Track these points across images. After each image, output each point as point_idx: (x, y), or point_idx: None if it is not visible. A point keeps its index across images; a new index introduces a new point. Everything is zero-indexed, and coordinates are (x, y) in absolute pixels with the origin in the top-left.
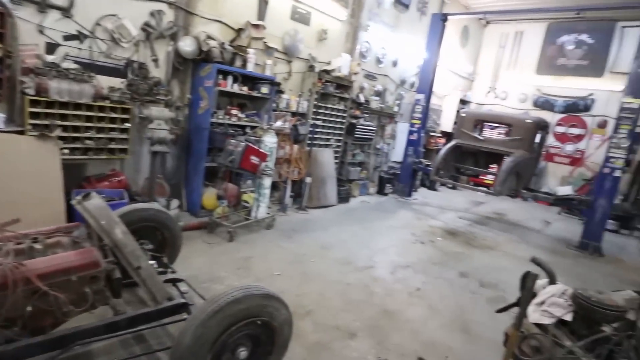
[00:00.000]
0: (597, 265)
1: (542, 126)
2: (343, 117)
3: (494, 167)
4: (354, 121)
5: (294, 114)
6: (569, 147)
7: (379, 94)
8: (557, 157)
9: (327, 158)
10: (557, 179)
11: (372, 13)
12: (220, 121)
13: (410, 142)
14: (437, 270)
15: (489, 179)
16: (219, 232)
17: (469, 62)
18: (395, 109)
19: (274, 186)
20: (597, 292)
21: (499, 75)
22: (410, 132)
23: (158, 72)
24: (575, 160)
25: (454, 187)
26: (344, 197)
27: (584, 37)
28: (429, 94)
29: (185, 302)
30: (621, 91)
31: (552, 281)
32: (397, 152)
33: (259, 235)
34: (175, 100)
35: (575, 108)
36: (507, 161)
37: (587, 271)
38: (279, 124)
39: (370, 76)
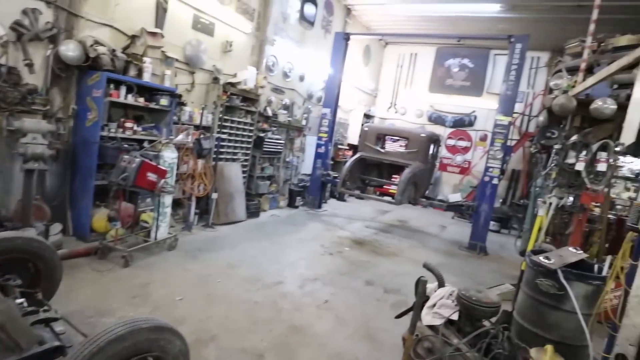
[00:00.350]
0: (483, 263)
1: (434, 139)
2: (250, 131)
3: (396, 178)
4: (262, 134)
5: (197, 128)
6: (459, 158)
7: (286, 107)
8: (449, 167)
9: (234, 172)
10: (450, 187)
11: (277, 27)
12: (113, 135)
13: (318, 155)
14: (345, 281)
15: (392, 188)
16: (112, 257)
17: (372, 79)
18: (304, 122)
19: (178, 204)
20: (477, 290)
21: (398, 92)
22: (318, 145)
23: (34, 79)
24: (464, 170)
25: (360, 198)
26: (253, 212)
27: (466, 61)
28: (334, 108)
29: (61, 344)
30: (496, 109)
31: (441, 284)
32: (307, 164)
33: (159, 258)
34: (56, 111)
35: (462, 123)
36: (405, 172)
37: (476, 269)
38: (180, 137)
39: (277, 90)
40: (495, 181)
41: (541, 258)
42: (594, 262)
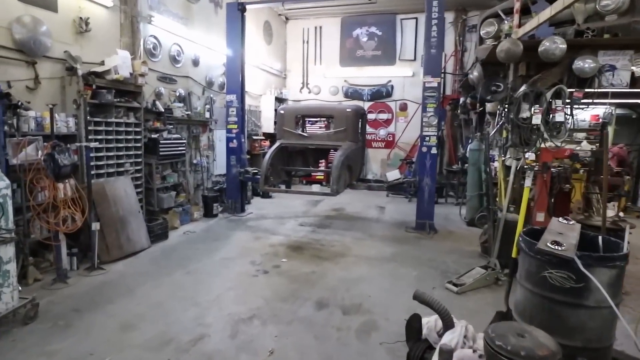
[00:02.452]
0: (437, 244)
1: (361, 114)
2: (137, 133)
3: (323, 163)
4: (155, 136)
5: (50, 138)
6: (382, 132)
7: (182, 99)
8: (374, 143)
9: (123, 189)
10: (377, 163)
11: (153, 1)
12: None
13: (231, 151)
14: (290, 309)
15: (320, 174)
16: None
17: (278, 59)
18: (207, 115)
19: (44, 246)
20: (514, 333)
21: (308, 70)
22: (229, 139)
23: None
24: (389, 143)
25: (289, 193)
26: (159, 234)
27: (374, 29)
28: (241, 94)
29: None
30: (411, 76)
31: (448, 323)
32: (220, 164)
33: (5, 341)
34: None
35: (380, 95)
36: (337, 156)
37: (434, 254)
38: (22, 155)
39: (166, 78)
40: (434, 150)
41: (549, 244)
42: (589, 233)
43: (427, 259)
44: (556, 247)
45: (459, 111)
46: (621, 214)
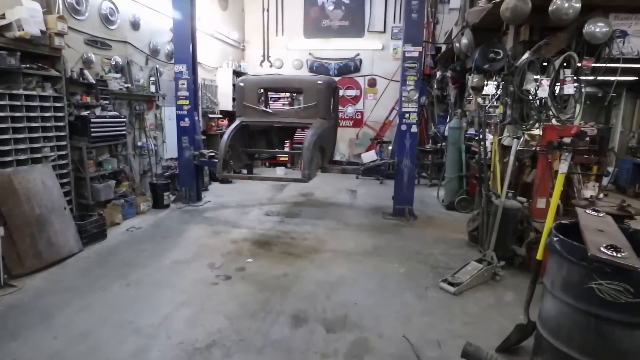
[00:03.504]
0: (420, 232)
1: (333, 87)
2: (58, 109)
3: (287, 143)
4: (86, 113)
5: None
6: (350, 109)
7: (120, 69)
8: (342, 121)
9: (39, 181)
10: (345, 143)
11: None
12: None
13: (182, 131)
14: (260, 330)
15: (284, 156)
16: None
17: (235, 28)
18: (152, 89)
19: None
20: None
21: (269, 41)
22: (180, 117)
23: None
24: (357, 122)
25: (252, 180)
26: (95, 234)
27: None
28: (192, 63)
29: None
30: (380, 49)
31: None
32: (170, 146)
33: None
34: None
35: (348, 69)
36: (308, 136)
37: (419, 245)
38: None
39: (97, 42)
40: (414, 129)
41: (604, 250)
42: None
43: (413, 251)
44: (614, 253)
45: (434, 86)
46: (601, 195)
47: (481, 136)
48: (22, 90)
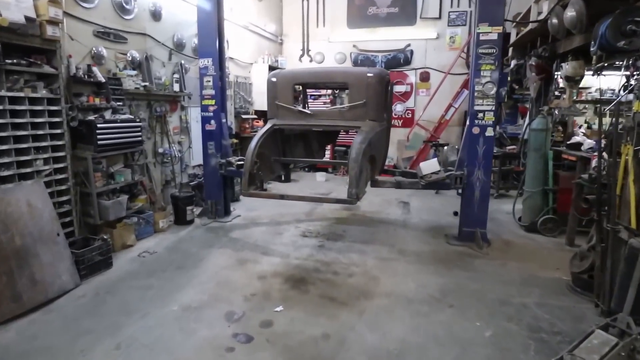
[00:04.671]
0: (498, 267)
1: (387, 81)
2: (54, 113)
3: (331, 147)
4: (93, 117)
5: None
6: (399, 107)
7: (136, 65)
8: None
9: (24, 203)
10: (393, 146)
11: None
12: None
13: (208, 135)
14: None
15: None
16: None
17: (272, 20)
18: (176, 87)
19: None
20: None
21: (309, 34)
22: (205, 120)
23: None
24: (408, 122)
25: (283, 198)
26: (97, 263)
27: None
28: (218, 57)
29: None
30: (435, 38)
31: None
32: (197, 151)
33: None
34: None
35: (397, 62)
36: (356, 144)
37: (502, 288)
38: None
39: (109, 35)
40: (490, 132)
41: None
42: None
43: (496, 298)
44: None
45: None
46: None
47: (602, 144)
48: (6, 92)
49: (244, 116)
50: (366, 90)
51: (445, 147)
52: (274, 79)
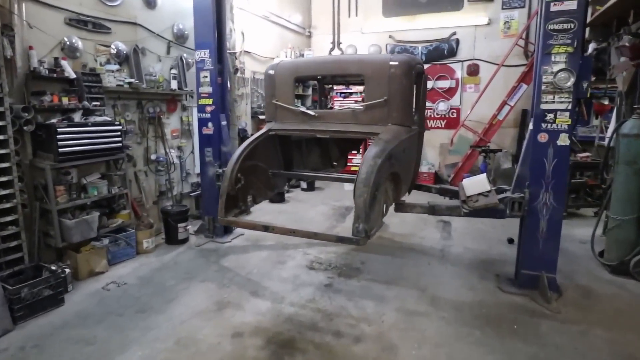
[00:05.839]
0: (574, 336)
1: (417, 71)
2: None
3: (355, 155)
4: (54, 120)
5: None
6: (442, 106)
7: (123, 59)
8: (430, 121)
9: None
10: (435, 150)
11: None
12: None
13: (205, 140)
14: None
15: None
16: None
17: (298, 11)
18: (174, 84)
19: None
20: None
21: (340, 24)
22: (202, 122)
23: None
24: (452, 122)
25: (267, 230)
26: (45, 299)
27: None
28: (217, 48)
29: None
30: (486, 24)
31: None
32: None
33: None
34: None
35: (440, 54)
36: (368, 160)
37: None
38: None
39: (86, 24)
40: (563, 140)
41: None
42: None
43: None
44: None
45: None
46: None
47: None
48: None
49: (261, 117)
50: (388, 85)
51: (498, 153)
52: (271, 72)
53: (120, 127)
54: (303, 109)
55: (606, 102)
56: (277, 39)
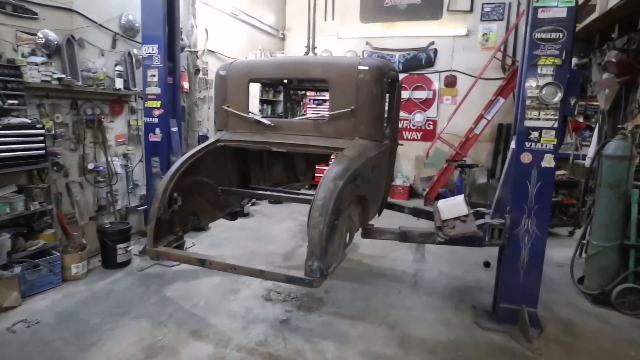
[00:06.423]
0: None
1: (390, 78)
2: None
3: (323, 169)
4: None
5: None
6: (418, 117)
7: (54, 50)
8: (406, 132)
9: None
10: (410, 162)
11: None
12: None
13: (152, 148)
14: None
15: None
16: None
17: (272, 11)
18: (119, 83)
19: None
20: None
21: (317, 28)
22: (148, 128)
23: None
24: (429, 134)
25: (203, 265)
26: None
27: None
28: (166, 44)
29: None
30: (464, 35)
31: None
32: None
33: None
34: None
35: (418, 63)
36: (327, 182)
37: None
38: None
39: (4, 5)
40: (548, 162)
41: None
42: None
43: None
44: None
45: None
46: None
47: None
48: None
49: None
50: (356, 92)
51: (474, 168)
52: (222, 72)
53: (42, 131)
54: (258, 117)
55: (581, 120)
56: (247, 39)
